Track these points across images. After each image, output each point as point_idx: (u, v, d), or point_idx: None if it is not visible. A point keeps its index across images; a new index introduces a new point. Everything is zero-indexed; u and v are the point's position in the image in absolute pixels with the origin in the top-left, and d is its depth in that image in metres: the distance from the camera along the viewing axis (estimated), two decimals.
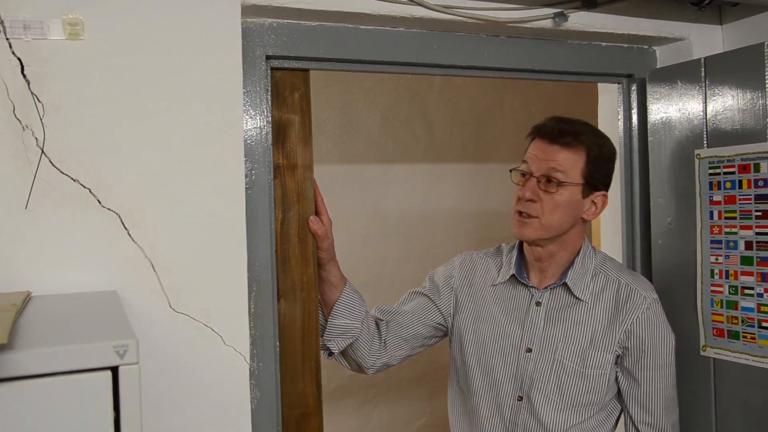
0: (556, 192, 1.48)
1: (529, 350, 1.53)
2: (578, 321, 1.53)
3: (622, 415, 1.58)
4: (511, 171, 1.56)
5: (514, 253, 1.61)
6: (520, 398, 1.53)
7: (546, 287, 1.56)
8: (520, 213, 1.52)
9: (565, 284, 1.54)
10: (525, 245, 1.59)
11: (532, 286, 1.57)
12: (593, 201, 1.53)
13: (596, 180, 1.52)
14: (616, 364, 1.53)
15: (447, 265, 1.71)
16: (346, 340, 1.58)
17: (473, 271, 1.66)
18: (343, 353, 1.62)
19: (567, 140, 1.50)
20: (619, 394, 1.56)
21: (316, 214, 1.55)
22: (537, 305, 1.55)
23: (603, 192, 1.54)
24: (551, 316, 1.54)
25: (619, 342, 1.51)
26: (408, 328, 1.66)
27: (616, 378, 1.54)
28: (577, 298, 1.53)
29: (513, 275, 1.58)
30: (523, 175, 1.52)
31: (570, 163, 1.49)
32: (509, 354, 1.55)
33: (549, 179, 1.48)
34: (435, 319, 1.67)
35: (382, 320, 1.66)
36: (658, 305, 1.54)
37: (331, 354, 1.61)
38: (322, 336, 1.60)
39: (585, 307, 1.53)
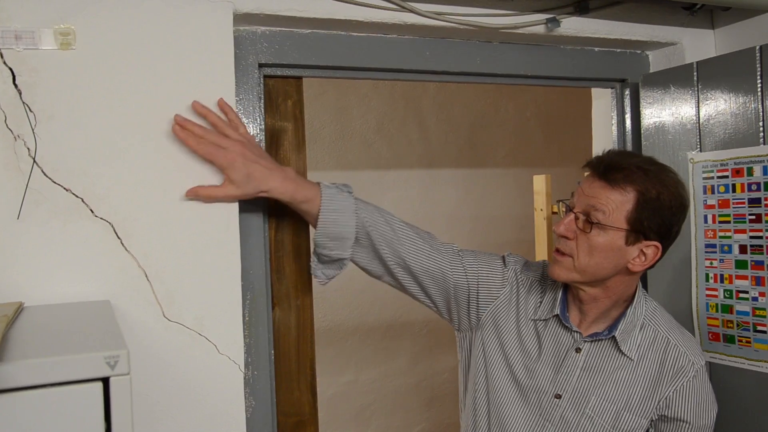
0: (592, 233, 1.32)
1: (558, 396, 1.41)
2: (618, 378, 1.40)
3: None
4: (558, 202, 1.45)
5: (560, 290, 1.45)
6: None
7: (591, 335, 1.42)
8: (556, 250, 1.39)
9: (613, 338, 1.40)
10: (570, 289, 1.46)
11: (575, 330, 1.42)
12: (642, 251, 1.34)
13: (645, 228, 1.32)
14: (651, 426, 1.44)
15: (504, 272, 1.51)
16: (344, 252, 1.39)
17: (520, 288, 1.50)
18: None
19: (615, 177, 1.32)
20: None
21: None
22: (576, 351, 1.42)
23: (655, 242, 1.33)
24: (589, 365, 1.41)
25: (657, 408, 1.40)
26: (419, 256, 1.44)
27: None
28: (622, 353, 1.40)
29: (556, 315, 1.44)
30: (568, 208, 1.39)
31: (614, 203, 1.31)
32: (534, 395, 1.43)
33: (588, 218, 1.33)
34: (447, 287, 1.47)
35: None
36: (704, 373, 1.42)
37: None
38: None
39: (628, 364, 1.40)
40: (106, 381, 0.78)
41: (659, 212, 1.32)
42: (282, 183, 1.30)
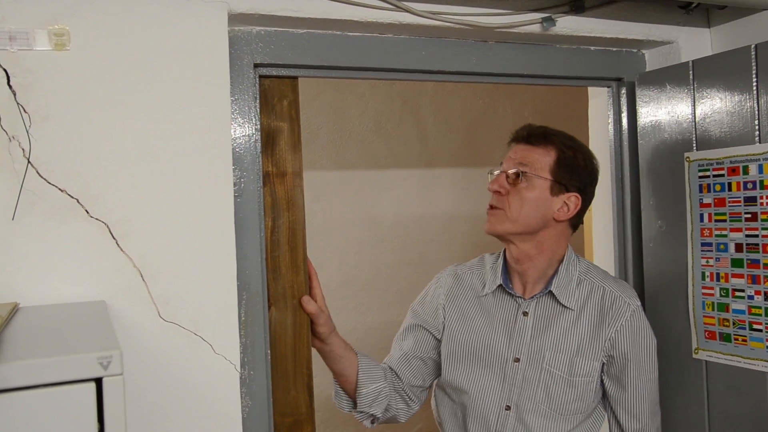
0: (522, 184, 1.51)
1: (517, 360, 1.54)
2: (565, 329, 1.54)
3: (607, 423, 1.60)
4: (489, 174, 1.59)
5: (500, 262, 1.62)
6: (508, 408, 1.53)
7: (532, 296, 1.57)
8: (489, 207, 1.56)
9: (551, 292, 1.55)
10: (506, 250, 1.61)
11: (518, 296, 1.58)
12: (565, 202, 1.53)
13: (566, 181, 1.53)
14: (602, 371, 1.54)
15: (427, 290, 1.72)
16: (383, 402, 1.63)
17: (459, 284, 1.67)
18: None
19: (536, 139, 1.54)
20: (603, 399, 1.58)
21: (309, 289, 1.56)
22: (524, 315, 1.56)
23: (575, 193, 1.54)
24: (538, 325, 1.55)
25: (604, 349, 1.53)
26: (418, 374, 1.70)
27: (602, 383, 1.55)
28: (563, 306, 1.55)
29: (500, 285, 1.59)
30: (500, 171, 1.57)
31: (538, 160, 1.52)
32: (496, 364, 1.56)
33: (517, 174, 1.51)
34: (435, 346, 1.68)
35: (396, 372, 1.70)
36: (641, 311, 1.56)
37: (374, 420, 1.67)
38: (355, 407, 1.66)
39: (571, 315, 1.54)
40: (99, 381, 0.78)
41: (576, 170, 1.54)
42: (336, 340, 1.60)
